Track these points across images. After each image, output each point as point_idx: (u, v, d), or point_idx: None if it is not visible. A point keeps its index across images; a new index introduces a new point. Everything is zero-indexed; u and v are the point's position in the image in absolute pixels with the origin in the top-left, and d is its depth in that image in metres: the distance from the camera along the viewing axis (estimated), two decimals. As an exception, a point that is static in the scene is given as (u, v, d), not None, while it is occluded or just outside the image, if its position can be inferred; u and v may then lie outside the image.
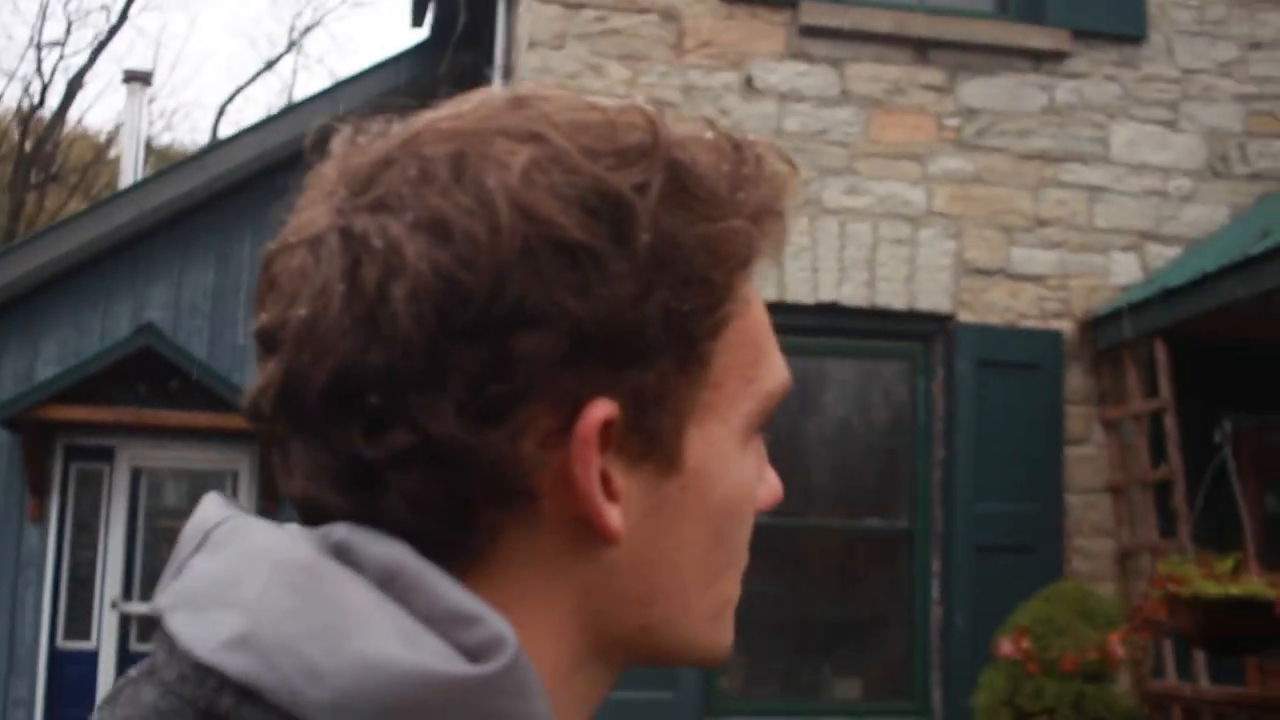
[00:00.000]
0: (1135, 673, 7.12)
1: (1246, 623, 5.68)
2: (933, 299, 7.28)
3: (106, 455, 10.75)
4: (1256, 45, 7.80)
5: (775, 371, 0.75)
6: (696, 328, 0.68)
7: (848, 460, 7.53)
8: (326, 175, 0.70)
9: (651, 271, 0.65)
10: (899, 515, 7.40)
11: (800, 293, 7.12)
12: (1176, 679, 6.87)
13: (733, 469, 0.72)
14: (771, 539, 7.29)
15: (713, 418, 0.71)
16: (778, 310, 6.91)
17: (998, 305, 7.33)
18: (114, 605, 10.50)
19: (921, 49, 7.47)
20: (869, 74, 7.41)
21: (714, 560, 0.73)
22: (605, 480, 0.66)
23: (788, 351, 0.75)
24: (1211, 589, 5.67)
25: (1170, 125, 7.67)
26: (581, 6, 7.19)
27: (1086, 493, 7.28)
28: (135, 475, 10.78)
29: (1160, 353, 6.83)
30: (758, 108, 7.25)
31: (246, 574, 0.63)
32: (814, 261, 7.20)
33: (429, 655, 0.60)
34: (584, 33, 7.18)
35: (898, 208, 7.32)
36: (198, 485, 10.97)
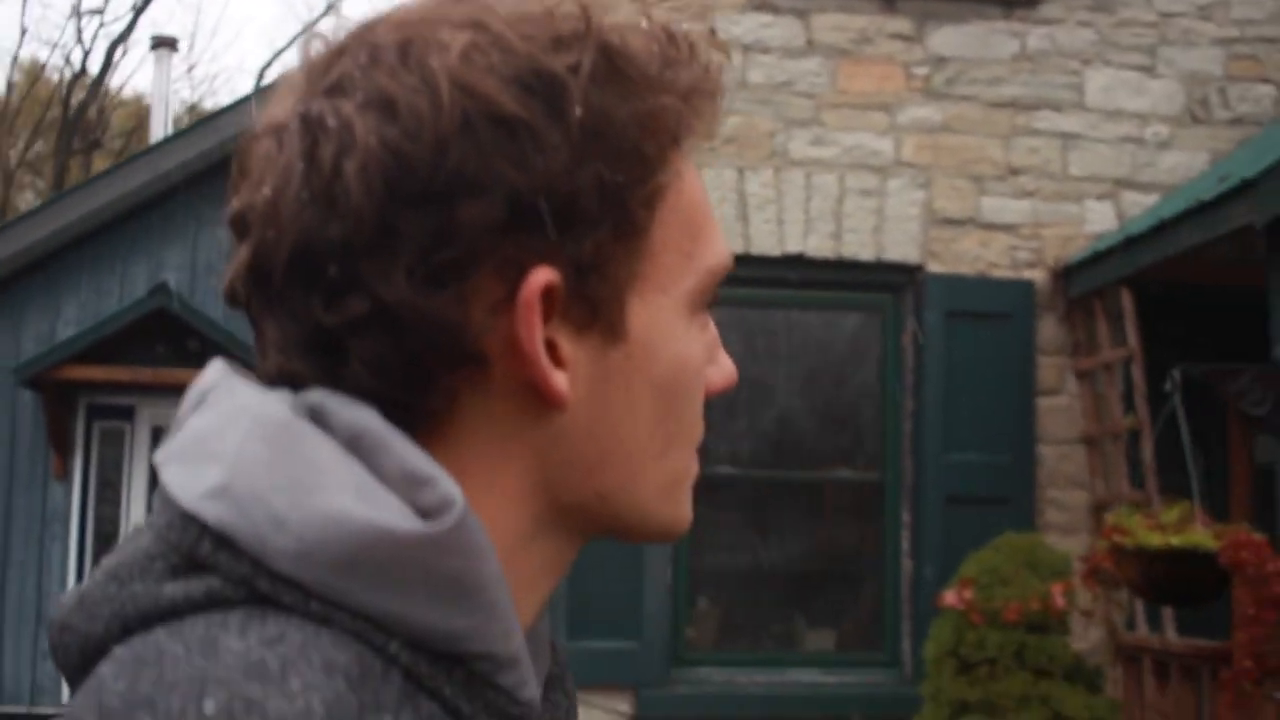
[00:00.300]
0: (1108, 625, 7.10)
1: (1190, 573, 5.65)
2: (901, 249, 7.24)
3: (127, 414, 10.99)
4: (1237, -14, 7.65)
5: (714, 248, 0.78)
6: (630, 197, 0.72)
7: (818, 412, 7.53)
8: (293, 73, 0.75)
9: (585, 143, 0.70)
10: (870, 466, 7.40)
11: (766, 245, 7.12)
12: (1147, 631, 6.84)
13: (677, 341, 0.76)
14: (743, 490, 7.34)
15: (653, 289, 0.74)
16: (744, 262, 6.98)
17: (968, 255, 7.28)
18: (136, 560, 10.75)
19: (890, -3, 7.41)
20: (835, 24, 7.36)
21: (664, 430, 0.76)
22: (552, 347, 0.71)
23: (755, 303, 0.82)
24: (1154, 540, 5.64)
25: (1147, 70, 7.55)
26: (547, -37, 7.20)
27: (1060, 444, 7.24)
28: (156, 433, 11.00)
29: (1126, 301, 6.76)
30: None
31: (229, 429, 0.68)
32: (780, 213, 7.19)
33: (383, 512, 0.65)
34: (549, -11, 7.19)
35: (865, 158, 7.29)
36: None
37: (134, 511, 10.85)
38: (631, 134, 0.72)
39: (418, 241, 0.67)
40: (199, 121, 11.83)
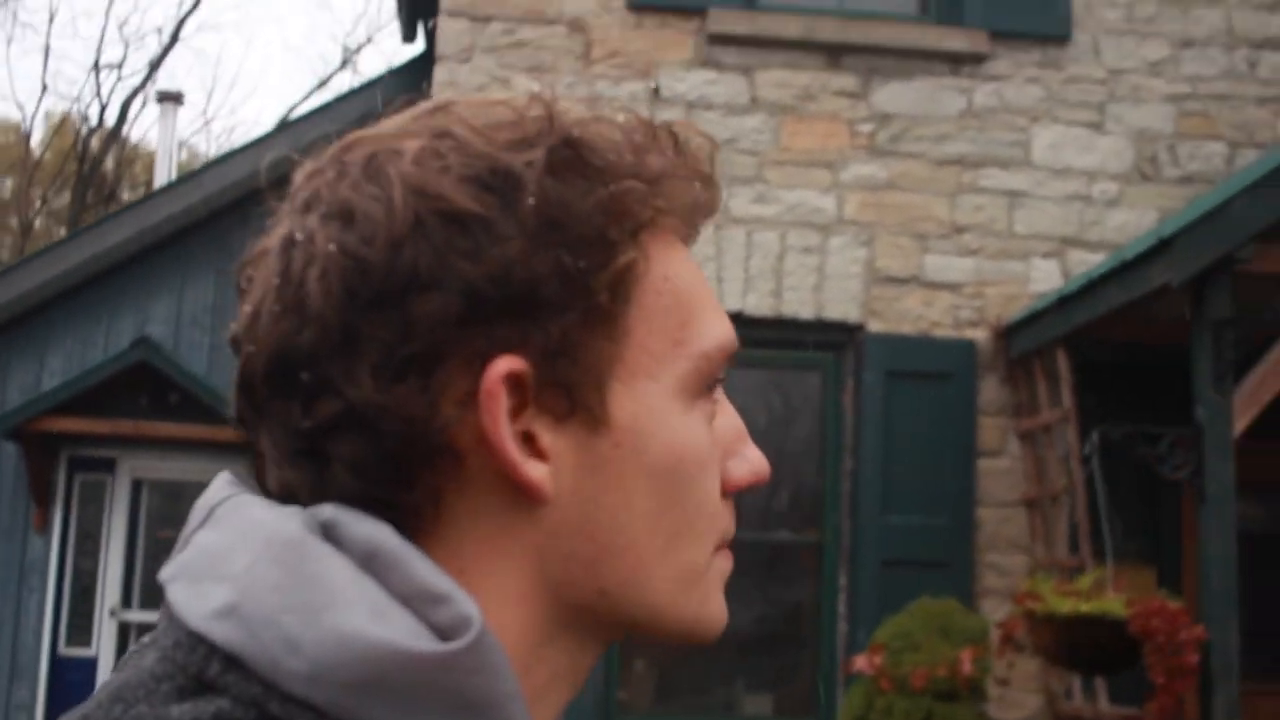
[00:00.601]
0: (1046, 693, 6.95)
1: (1101, 640, 5.53)
2: (841, 308, 7.17)
3: (108, 466, 11.04)
4: (1189, 43, 7.56)
5: (710, 332, 0.77)
6: (593, 281, 0.71)
7: (759, 472, 7.43)
8: (287, 199, 0.78)
9: (541, 232, 0.70)
10: (810, 528, 7.30)
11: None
12: (1082, 700, 6.69)
13: (671, 427, 0.74)
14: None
15: (640, 376, 0.73)
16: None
17: (910, 314, 7.20)
18: (113, 614, 10.77)
19: (834, 54, 7.37)
20: (779, 80, 7.33)
21: (668, 522, 0.74)
22: (531, 439, 0.71)
23: None
24: (1063, 606, 5.52)
25: (1096, 127, 7.47)
26: (490, 19, 7.24)
27: (1001, 506, 7.12)
28: (136, 486, 11.05)
29: (1062, 362, 6.65)
30: (665, 116, 7.20)
31: (239, 548, 0.67)
32: (719, 270, 7.14)
33: (398, 631, 0.64)
34: (491, 46, 7.22)
35: (807, 216, 7.23)
36: (197, 496, 11.19)
37: (112, 564, 10.87)
38: (594, 220, 0.71)
39: (380, 341, 0.68)
40: (185, 176, 11.94)
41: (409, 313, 0.68)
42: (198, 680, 0.64)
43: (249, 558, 0.66)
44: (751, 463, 0.79)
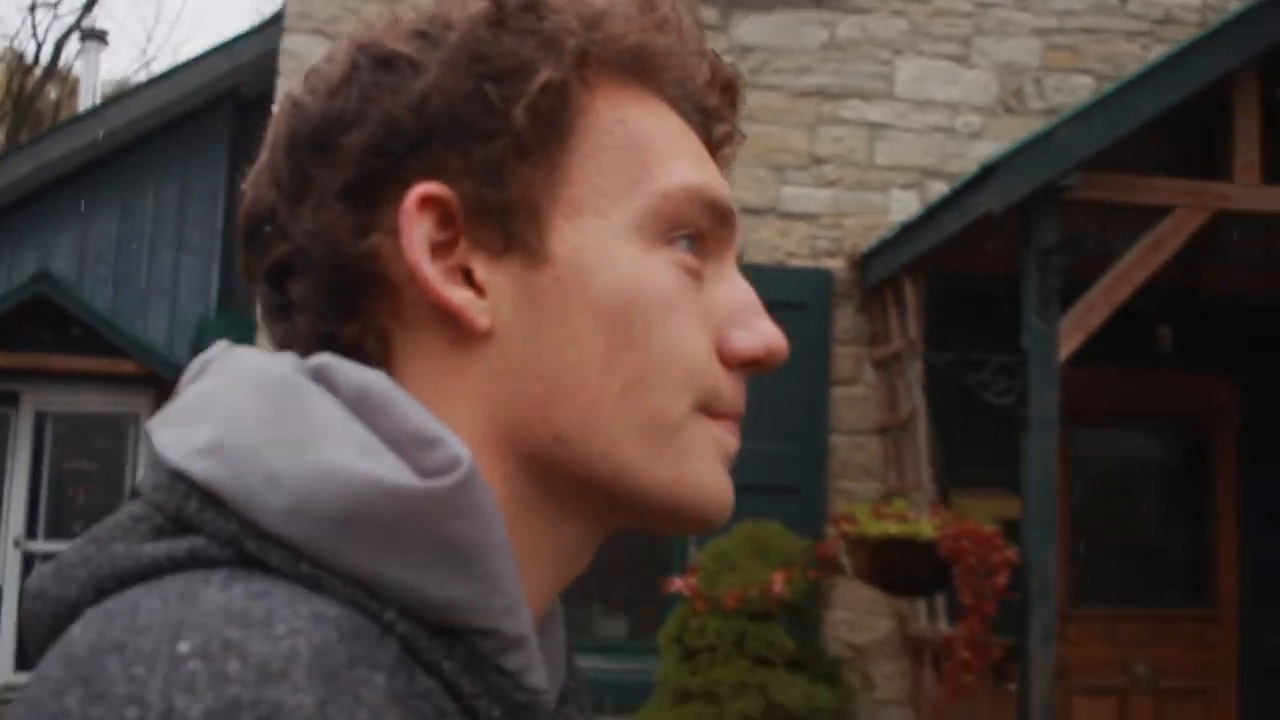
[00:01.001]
0: (897, 616, 7.04)
1: (911, 562, 5.59)
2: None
3: (12, 400, 11.05)
4: (1054, -24, 7.57)
5: (674, 174, 0.74)
6: (514, 109, 0.70)
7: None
8: None
9: (463, 63, 0.71)
10: (667, 456, 7.34)
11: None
12: (926, 623, 6.78)
13: (621, 264, 0.71)
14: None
15: (587, 212, 0.72)
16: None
17: (766, 245, 7.23)
18: (18, 544, 10.81)
19: (696, -15, 7.35)
20: (639, 11, 7.32)
21: (623, 365, 0.71)
22: (468, 275, 0.70)
23: None
24: (875, 529, 5.58)
25: (961, 60, 7.48)
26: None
27: (855, 433, 7.18)
28: (40, 419, 11.07)
29: (909, 290, 6.70)
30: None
31: (227, 390, 0.66)
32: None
33: (383, 468, 0.61)
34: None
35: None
36: (100, 429, 11.24)
37: (16, 495, 10.91)
38: (519, 51, 0.71)
39: (318, 180, 0.71)
40: (87, 112, 11.88)
41: (339, 149, 0.70)
42: (176, 519, 0.63)
43: (236, 397, 0.65)
44: (762, 336, 0.75)
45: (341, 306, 0.71)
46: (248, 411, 0.64)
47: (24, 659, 9.51)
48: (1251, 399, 7.74)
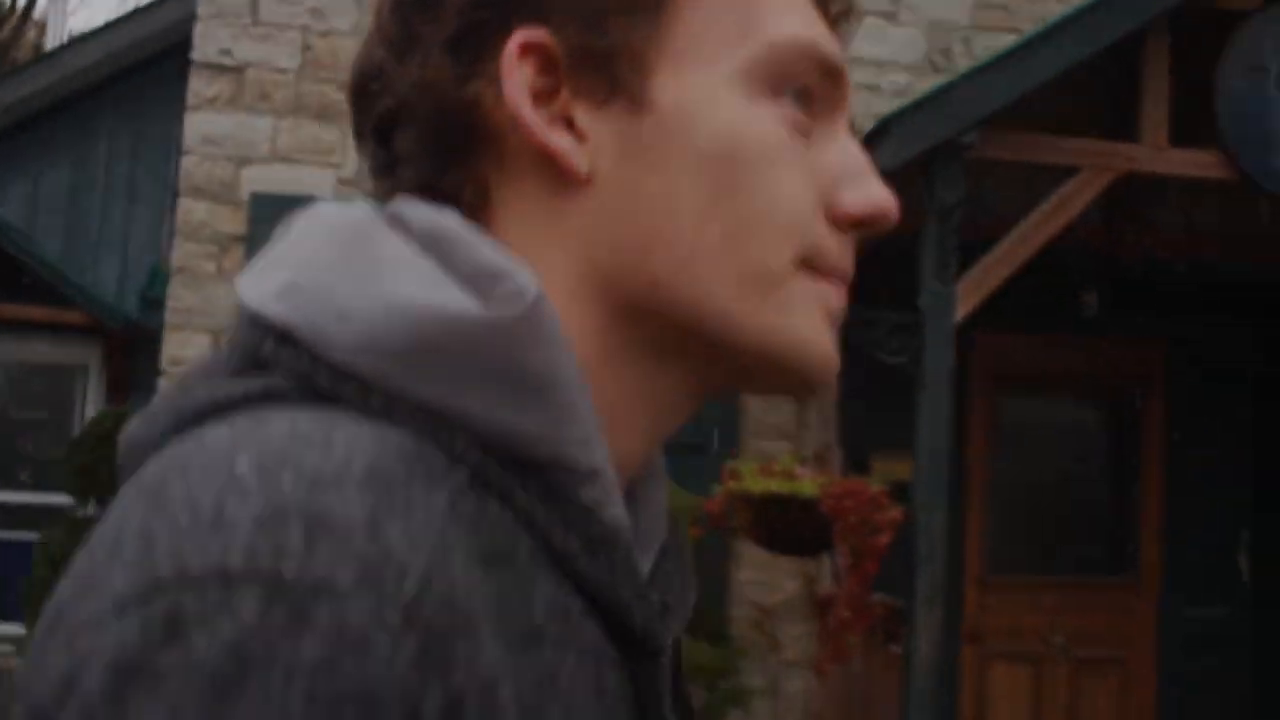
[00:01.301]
0: (804, 576, 7.00)
1: (795, 521, 5.54)
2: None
3: (-38, 347, 11.05)
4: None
5: (784, 26, 0.73)
6: None
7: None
8: None
9: None
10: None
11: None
12: (832, 584, 6.73)
13: (725, 113, 0.71)
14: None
15: (692, 61, 0.71)
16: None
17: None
18: (-36, 493, 10.83)
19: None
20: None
21: (724, 214, 0.70)
22: (569, 123, 0.70)
23: None
24: (758, 485, 5.53)
25: (889, 17, 7.38)
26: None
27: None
28: (-12, 367, 11.07)
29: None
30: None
31: (302, 239, 0.68)
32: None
33: (452, 299, 0.63)
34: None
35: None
36: (48, 378, 11.23)
37: (-36, 444, 10.92)
38: None
39: (423, 37, 0.71)
40: (41, 57, 11.83)
41: (441, 4, 0.70)
42: (254, 359, 0.64)
43: (311, 243, 0.66)
44: (871, 195, 0.73)
45: (443, 156, 0.71)
46: (321, 254, 0.65)
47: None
48: (1178, 366, 7.66)
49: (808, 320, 0.72)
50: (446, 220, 0.67)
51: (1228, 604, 7.72)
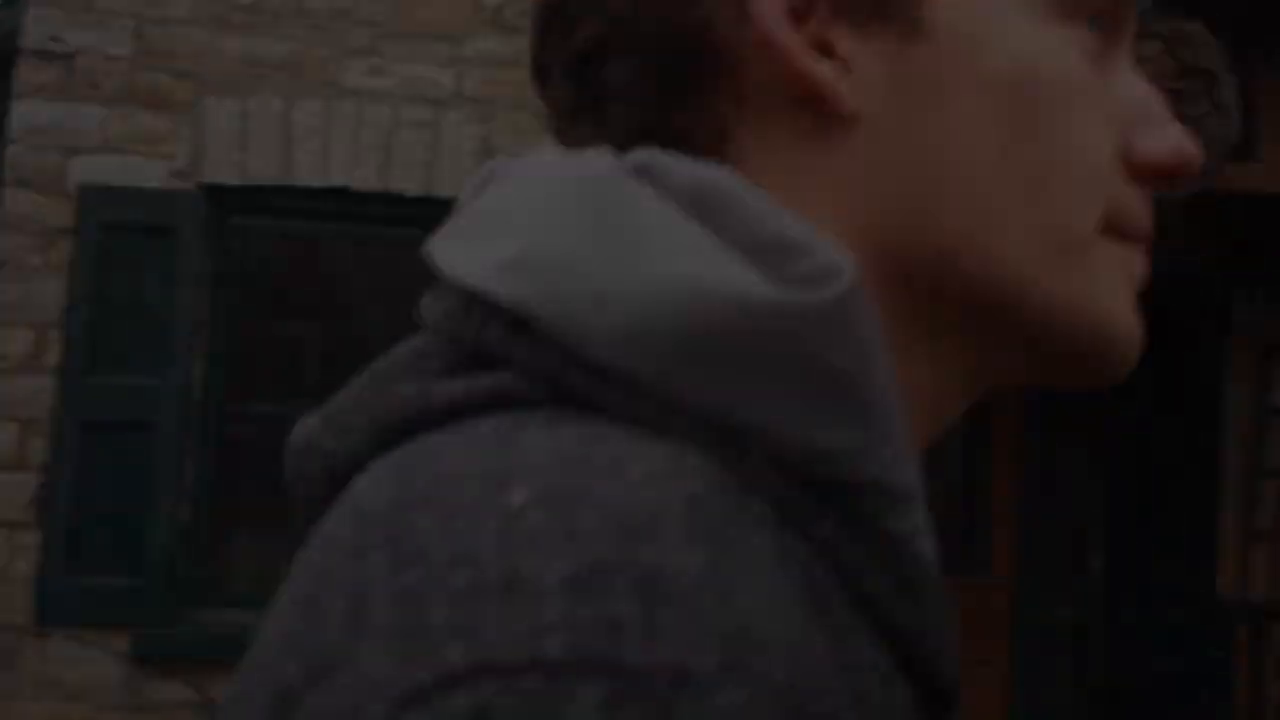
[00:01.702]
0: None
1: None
2: (453, 184, 7.00)
3: None
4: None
5: None
6: None
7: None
8: None
9: None
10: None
11: (310, 176, 6.91)
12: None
13: (1014, 38, 0.57)
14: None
15: None
16: (286, 193, 6.75)
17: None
18: None
19: (460, -76, 7.17)
20: (399, -51, 7.13)
21: (1023, 159, 0.56)
22: (826, 50, 0.56)
23: (297, 236, 0.60)
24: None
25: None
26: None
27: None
28: None
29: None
30: (280, -16, 7.01)
31: (529, 196, 0.53)
32: (326, 143, 6.96)
33: (742, 279, 0.48)
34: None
35: (424, 90, 7.05)
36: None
37: None
38: None
39: None
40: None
41: None
42: (475, 351, 0.50)
43: (542, 202, 0.51)
44: (1174, 141, 0.60)
45: (669, 91, 0.57)
46: (560, 217, 0.51)
47: None
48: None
49: (1114, 292, 0.60)
50: (717, 176, 0.52)
51: (1080, 603, 7.69)
